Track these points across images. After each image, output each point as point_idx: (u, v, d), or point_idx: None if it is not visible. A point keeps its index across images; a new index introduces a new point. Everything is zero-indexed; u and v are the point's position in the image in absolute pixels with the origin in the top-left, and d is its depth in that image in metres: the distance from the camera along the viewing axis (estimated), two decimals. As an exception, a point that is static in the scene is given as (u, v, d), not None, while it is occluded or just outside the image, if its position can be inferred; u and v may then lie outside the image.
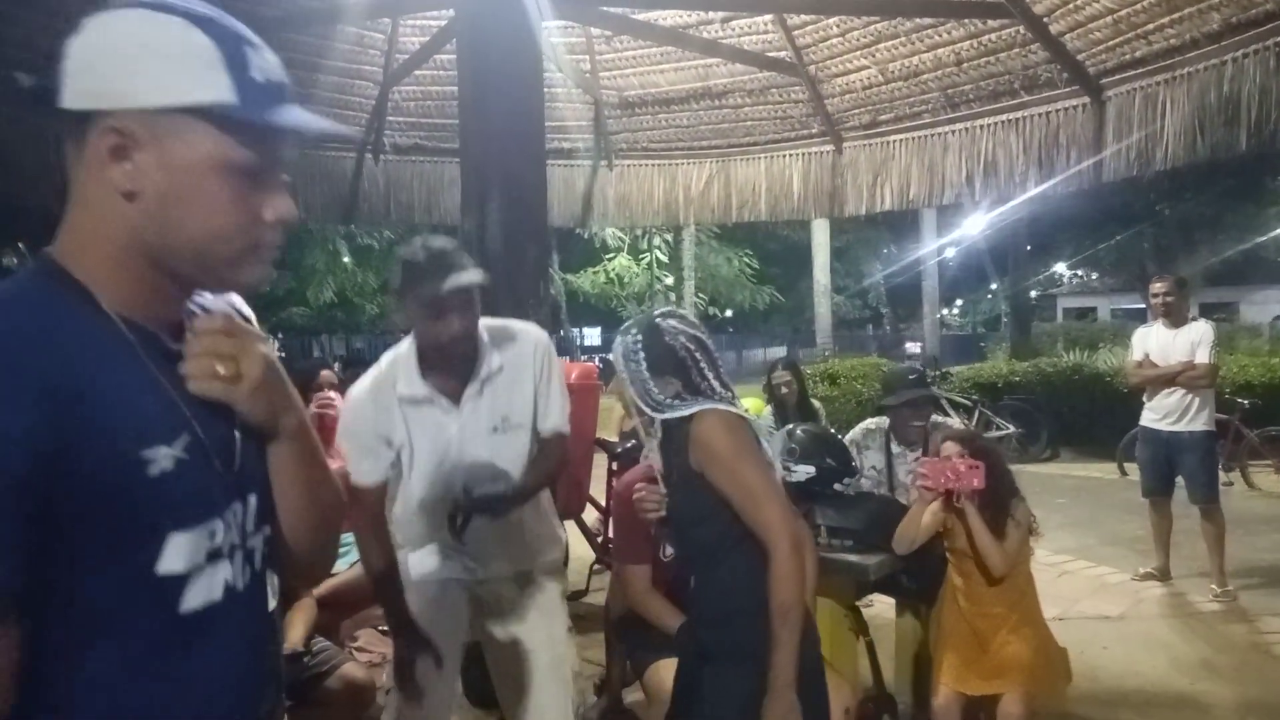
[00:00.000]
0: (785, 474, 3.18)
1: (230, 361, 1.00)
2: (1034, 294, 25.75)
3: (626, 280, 21.62)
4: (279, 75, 0.98)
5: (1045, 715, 3.17)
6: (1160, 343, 5.38)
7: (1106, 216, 21.01)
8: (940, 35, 4.37)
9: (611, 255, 21.12)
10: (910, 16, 4.33)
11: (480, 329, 2.29)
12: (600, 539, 5.29)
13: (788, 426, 3.54)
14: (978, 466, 2.96)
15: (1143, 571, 5.59)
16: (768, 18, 4.73)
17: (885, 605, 3.74)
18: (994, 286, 25.24)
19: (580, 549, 5.01)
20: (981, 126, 4.47)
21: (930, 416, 3.91)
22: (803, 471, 3.26)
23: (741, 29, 4.84)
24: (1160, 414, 5.38)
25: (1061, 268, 29.33)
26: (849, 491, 3.34)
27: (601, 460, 5.04)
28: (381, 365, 2.37)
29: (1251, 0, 3.29)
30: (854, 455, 3.69)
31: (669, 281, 21.40)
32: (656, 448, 2.15)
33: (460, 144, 3.39)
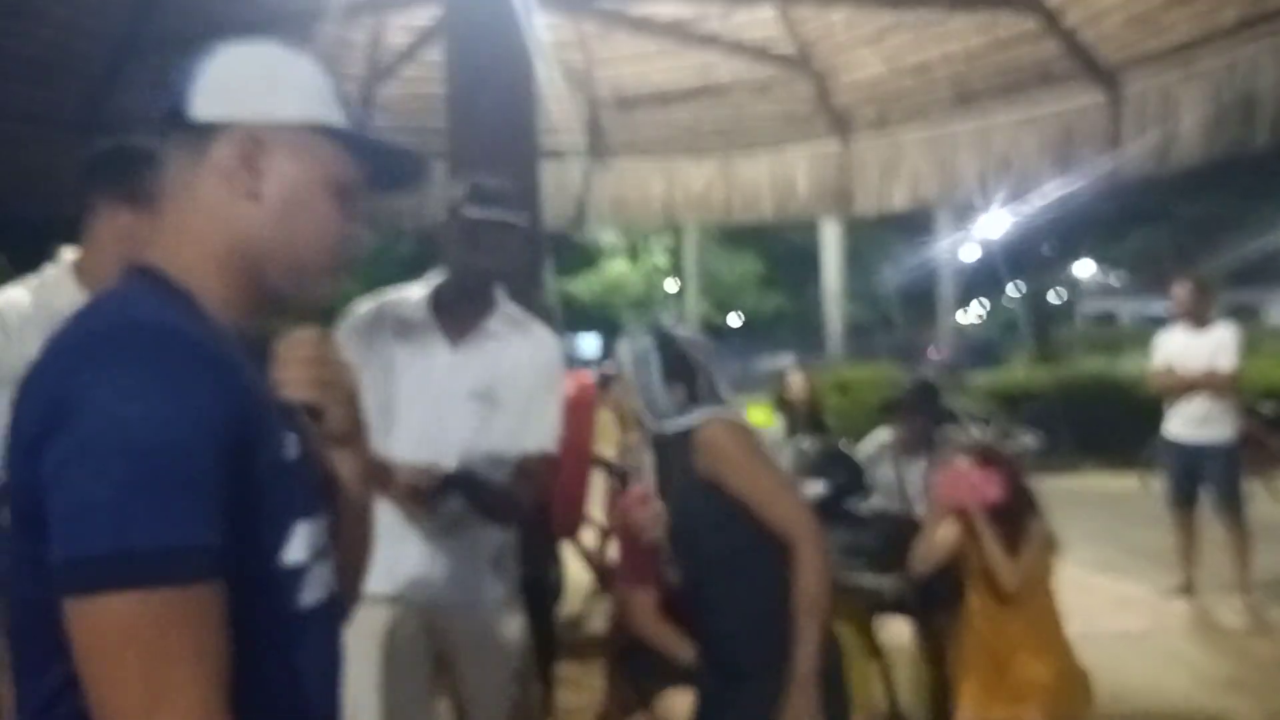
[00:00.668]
0: None
1: (325, 369, 1.09)
2: (1054, 298, 25.52)
3: (624, 286, 21.15)
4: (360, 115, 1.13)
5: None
6: (1182, 346, 5.28)
7: (1126, 217, 20.81)
8: (949, 28, 4.29)
9: (607, 258, 20.76)
10: (917, 8, 4.23)
11: (501, 292, 2.23)
12: (600, 561, 5.09)
13: (796, 439, 3.44)
14: (993, 478, 2.89)
15: (1167, 587, 5.45)
16: (770, 11, 4.60)
17: (900, 627, 3.63)
18: (1011, 290, 25.05)
19: (578, 571, 4.88)
20: (994, 123, 4.38)
21: (934, 425, 3.79)
22: (813, 488, 3.17)
23: (743, 22, 4.72)
24: (1183, 422, 5.28)
25: (1081, 270, 29.09)
26: (863, 510, 3.25)
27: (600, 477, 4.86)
28: (387, 294, 2.29)
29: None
30: (866, 471, 3.60)
31: (671, 287, 20.98)
32: (650, 464, 2.13)
33: (448, 145, 3.32)
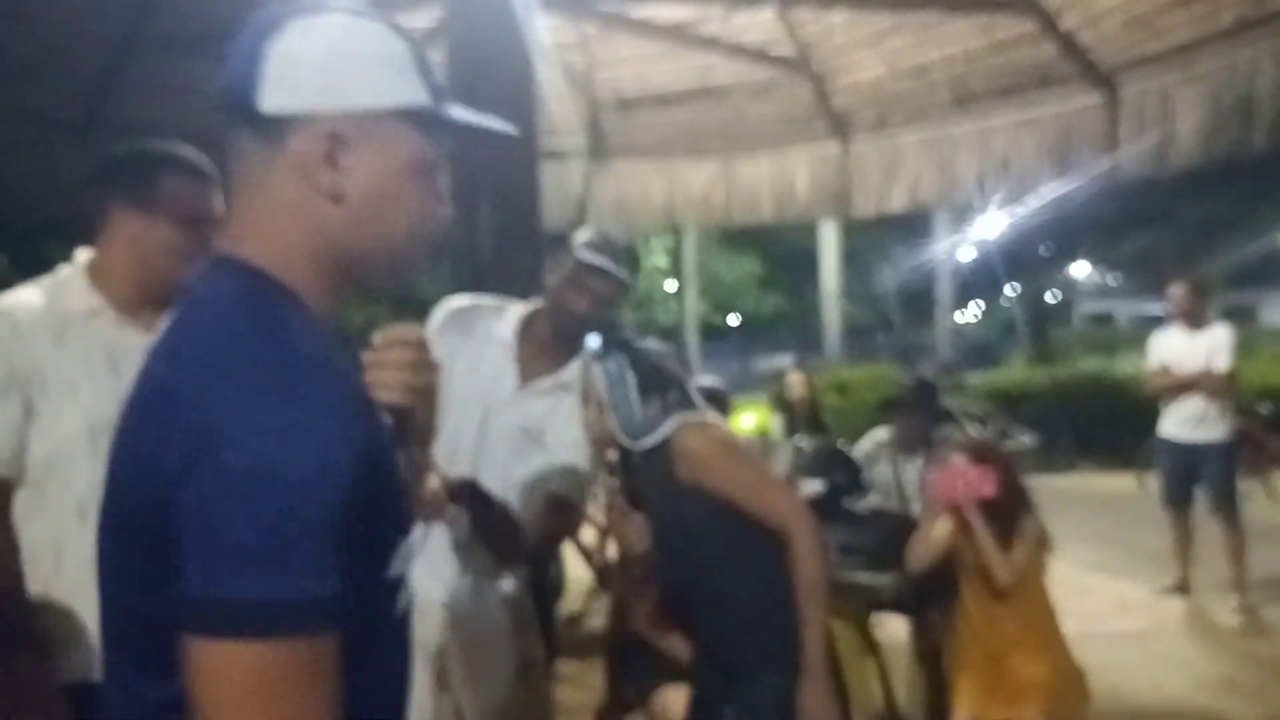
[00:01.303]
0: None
1: (422, 374, 1.06)
2: (1052, 299, 25.44)
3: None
4: (443, 76, 1.00)
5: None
6: (1178, 347, 5.28)
7: (1124, 218, 20.81)
8: (948, 30, 4.29)
9: None
10: (916, 10, 4.24)
11: (586, 350, 2.16)
12: (599, 559, 5.12)
13: (795, 438, 3.45)
14: (988, 473, 2.90)
15: (1163, 586, 5.46)
16: (769, 13, 4.61)
17: (897, 625, 3.65)
18: (1008, 291, 25.03)
19: (577, 570, 4.89)
20: (993, 124, 4.39)
21: (929, 423, 3.81)
22: (811, 487, 3.18)
23: (743, 24, 4.72)
24: (1178, 422, 5.28)
25: (1078, 271, 29.06)
26: (861, 509, 3.26)
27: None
28: (484, 300, 2.30)
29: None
30: (864, 470, 3.60)
31: (671, 288, 20.96)
32: (620, 485, 2.13)
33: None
